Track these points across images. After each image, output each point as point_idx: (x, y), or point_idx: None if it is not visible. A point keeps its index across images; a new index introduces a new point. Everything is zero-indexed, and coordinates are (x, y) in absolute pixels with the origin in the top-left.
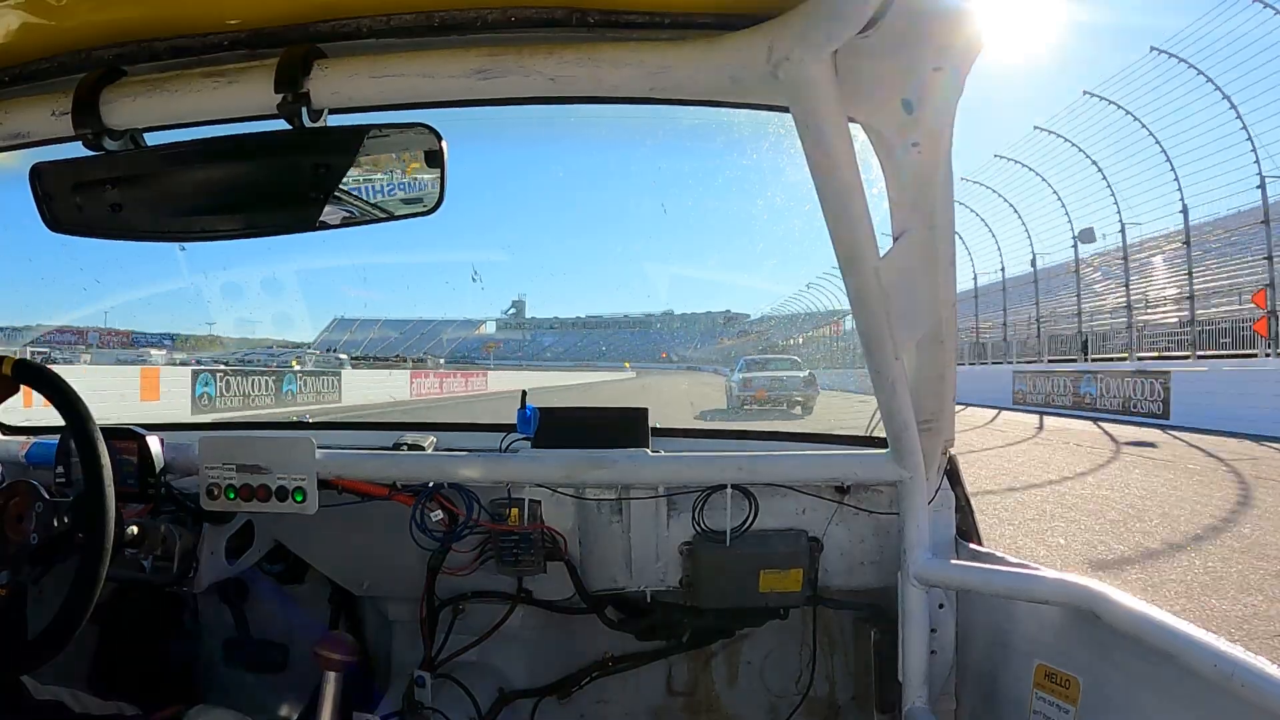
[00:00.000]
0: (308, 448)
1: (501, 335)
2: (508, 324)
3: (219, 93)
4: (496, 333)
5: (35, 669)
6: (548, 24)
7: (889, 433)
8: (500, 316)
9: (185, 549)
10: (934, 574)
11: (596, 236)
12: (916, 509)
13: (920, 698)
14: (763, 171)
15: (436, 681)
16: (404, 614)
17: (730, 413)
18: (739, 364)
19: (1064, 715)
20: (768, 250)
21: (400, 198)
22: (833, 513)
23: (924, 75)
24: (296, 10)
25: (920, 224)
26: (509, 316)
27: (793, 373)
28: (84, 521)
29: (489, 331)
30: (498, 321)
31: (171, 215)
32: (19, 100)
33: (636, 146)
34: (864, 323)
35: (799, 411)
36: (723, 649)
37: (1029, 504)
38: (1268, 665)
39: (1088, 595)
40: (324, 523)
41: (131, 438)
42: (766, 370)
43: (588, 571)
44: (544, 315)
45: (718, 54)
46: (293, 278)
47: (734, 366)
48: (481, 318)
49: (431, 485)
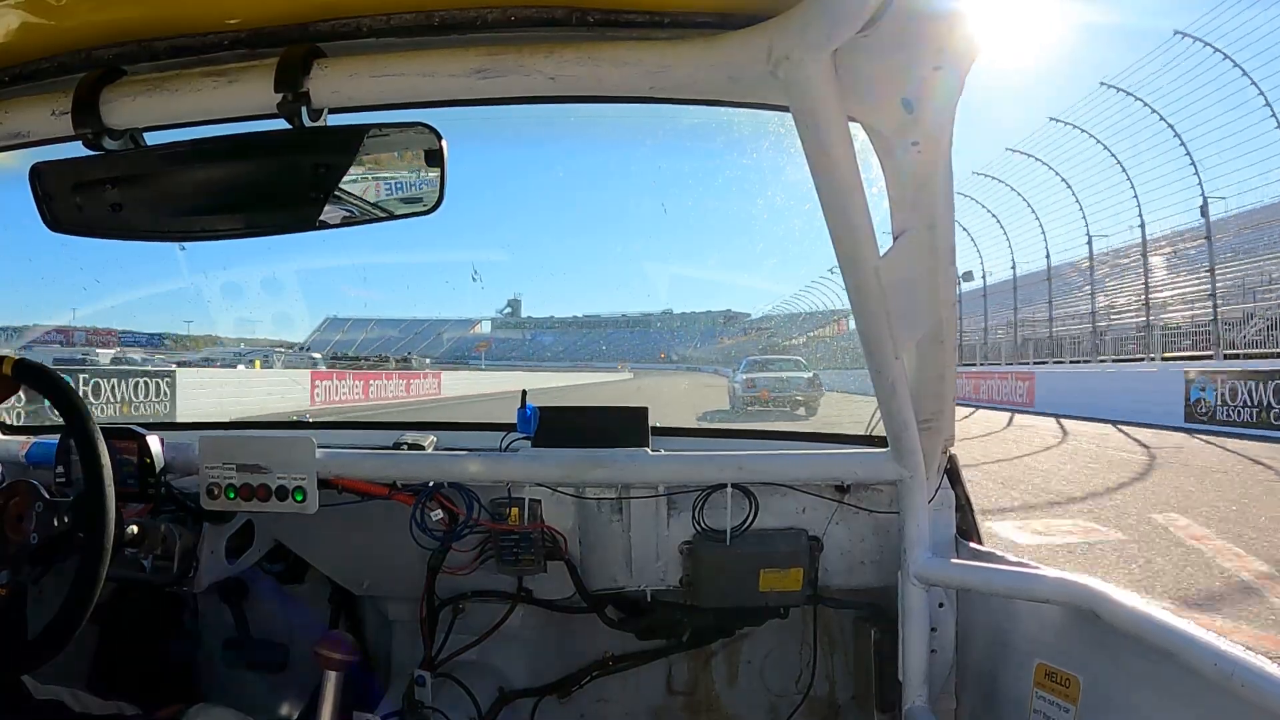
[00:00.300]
0: (308, 447)
1: (498, 334)
2: (503, 323)
3: (219, 92)
4: (492, 332)
5: (35, 669)
6: (548, 23)
7: (889, 432)
8: (496, 316)
9: (185, 549)
10: (934, 573)
11: (596, 236)
12: (917, 508)
13: (920, 697)
14: (763, 171)
15: (436, 681)
16: (404, 613)
17: (733, 414)
18: (742, 364)
19: (1064, 714)
20: (768, 250)
21: (400, 197)
22: (833, 512)
23: (924, 75)
24: (296, 10)
25: (920, 224)
26: (505, 316)
27: (797, 373)
28: (84, 521)
29: (484, 331)
30: (493, 321)
31: (171, 215)
32: (19, 100)
33: (636, 146)
34: (864, 322)
35: (803, 413)
36: (723, 648)
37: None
38: (1268, 665)
39: (1088, 594)
40: (324, 522)
41: (131, 437)
42: (770, 371)
43: (588, 571)
44: (541, 314)
45: (717, 53)
46: (290, 277)
47: (736, 367)
48: (477, 317)
49: (431, 485)
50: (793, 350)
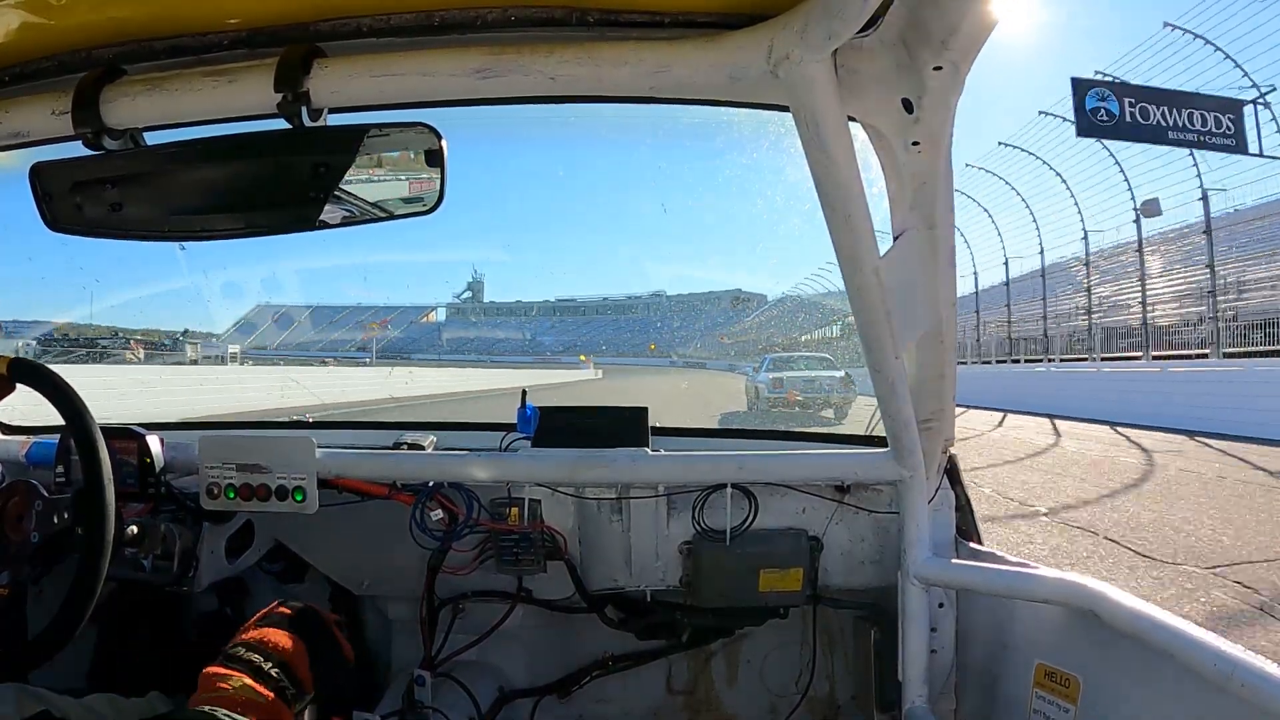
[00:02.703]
0: (308, 447)
1: (452, 325)
2: (461, 309)
3: (219, 92)
4: (446, 320)
5: (36, 669)
6: (548, 23)
7: (889, 432)
8: (454, 301)
9: (185, 548)
10: (934, 573)
11: (595, 236)
12: (916, 508)
13: (920, 697)
14: (763, 170)
15: (436, 681)
16: (404, 613)
17: (752, 416)
18: (764, 362)
19: (1064, 714)
20: (768, 250)
21: (400, 197)
22: (833, 512)
23: (924, 75)
24: (296, 9)
25: (920, 223)
26: (464, 301)
27: (827, 372)
28: (84, 521)
29: (439, 319)
30: (449, 307)
31: (171, 215)
32: (19, 99)
33: (636, 146)
34: (864, 322)
35: (831, 415)
36: (723, 648)
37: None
38: (1268, 665)
39: (1088, 594)
40: (324, 522)
41: (131, 437)
42: (797, 369)
43: (588, 571)
44: (507, 299)
45: (718, 53)
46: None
47: (758, 365)
48: (431, 304)
49: (431, 485)
50: (809, 345)
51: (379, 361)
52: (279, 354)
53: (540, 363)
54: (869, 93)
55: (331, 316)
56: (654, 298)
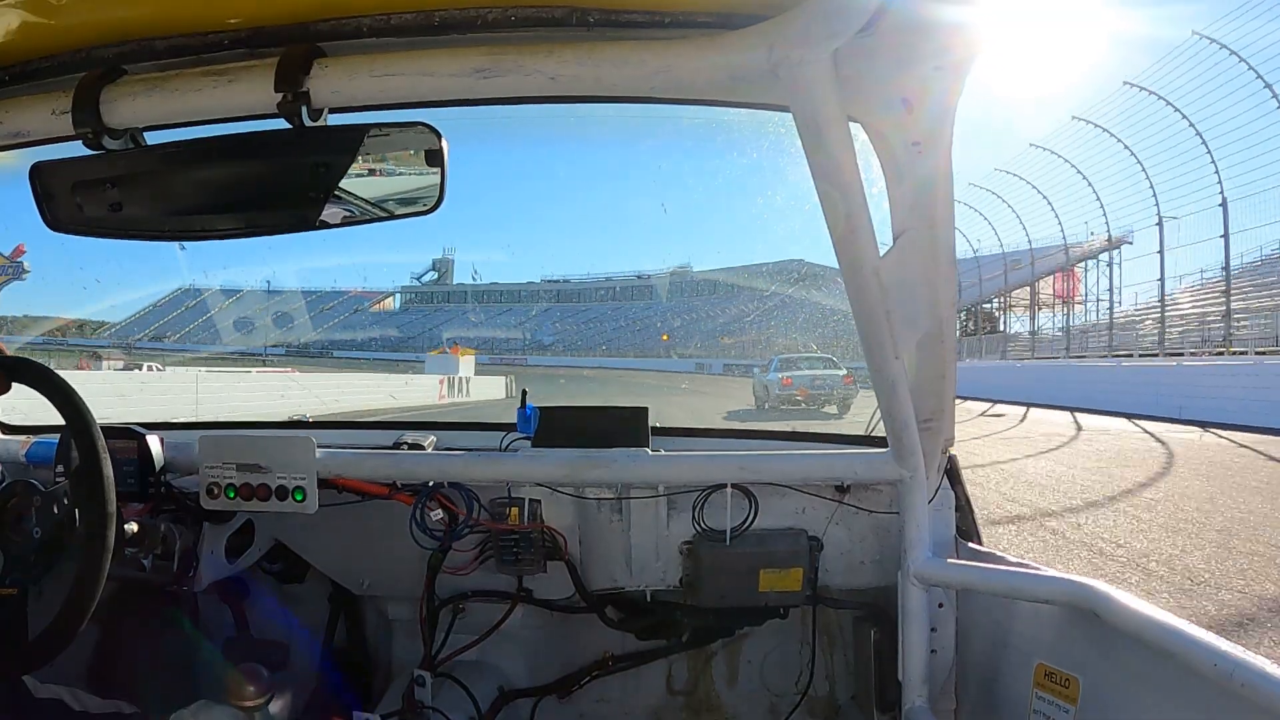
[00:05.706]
0: (308, 447)
1: (405, 311)
2: (419, 296)
3: (219, 92)
4: (398, 311)
5: (37, 669)
6: (548, 23)
7: (889, 432)
8: (411, 284)
9: (185, 548)
10: (934, 573)
11: (596, 235)
12: (916, 508)
13: (920, 697)
14: (763, 170)
15: (436, 681)
16: (404, 613)
17: (760, 414)
18: (772, 364)
19: (1064, 715)
20: (768, 250)
21: (400, 197)
22: (833, 512)
23: (924, 75)
24: (296, 9)
25: (920, 224)
26: (426, 284)
27: (832, 371)
28: (84, 520)
29: (393, 307)
30: (404, 292)
31: (171, 214)
32: (19, 99)
33: (637, 145)
34: (864, 322)
35: (835, 409)
36: (723, 648)
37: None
38: (1268, 665)
39: (1088, 594)
40: (324, 522)
41: (131, 437)
42: (804, 369)
43: (588, 571)
44: (482, 282)
45: (718, 53)
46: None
47: (766, 366)
48: (388, 289)
49: (431, 484)
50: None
51: (276, 359)
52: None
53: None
54: (869, 93)
55: (266, 301)
56: (676, 275)
